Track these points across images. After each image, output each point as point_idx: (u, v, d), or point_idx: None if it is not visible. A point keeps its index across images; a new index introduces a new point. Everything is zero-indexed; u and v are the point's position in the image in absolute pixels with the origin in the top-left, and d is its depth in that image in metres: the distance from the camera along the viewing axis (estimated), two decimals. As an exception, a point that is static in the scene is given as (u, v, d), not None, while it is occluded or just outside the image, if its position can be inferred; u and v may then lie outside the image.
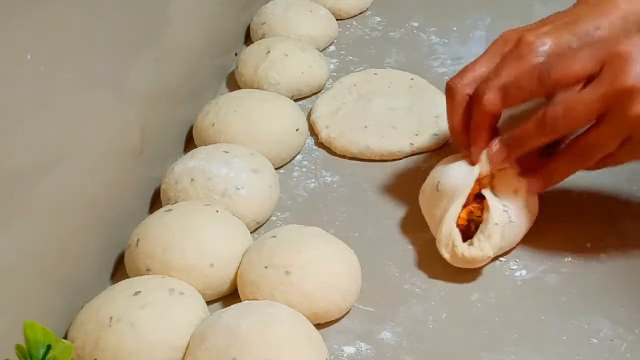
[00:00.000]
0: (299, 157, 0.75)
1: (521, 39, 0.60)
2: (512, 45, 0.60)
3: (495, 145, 0.60)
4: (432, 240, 0.63)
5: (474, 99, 0.61)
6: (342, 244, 0.61)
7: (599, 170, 0.60)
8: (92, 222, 0.61)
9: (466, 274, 0.61)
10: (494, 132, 0.61)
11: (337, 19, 0.93)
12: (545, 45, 0.59)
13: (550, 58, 0.58)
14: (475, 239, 0.59)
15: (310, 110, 0.79)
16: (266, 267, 0.58)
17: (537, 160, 0.61)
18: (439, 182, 0.62)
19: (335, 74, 0.85)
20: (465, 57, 0.66)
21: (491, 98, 0.59)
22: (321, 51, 0.88)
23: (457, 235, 0.60)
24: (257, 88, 0.80)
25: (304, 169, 0.74)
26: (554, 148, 0.60)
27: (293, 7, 0.90)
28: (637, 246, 0.62)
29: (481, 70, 0.61)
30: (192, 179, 0.66)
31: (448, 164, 0.63)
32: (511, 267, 0.61)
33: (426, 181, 0.65)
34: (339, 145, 0.74)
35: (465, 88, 0.62)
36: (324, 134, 0.76)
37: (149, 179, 0.71)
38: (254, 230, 0.67)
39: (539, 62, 0.59)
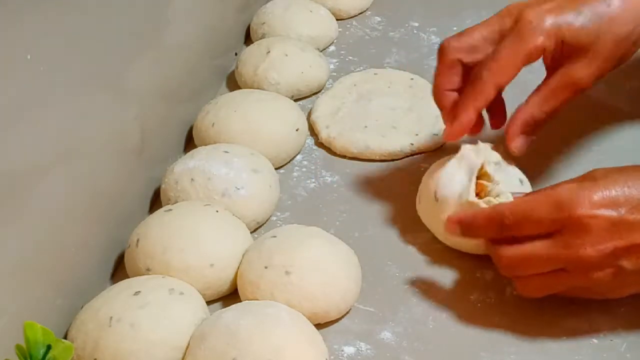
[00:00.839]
0: (299, 157, 0.75)
1: (521, 17, 0.58)
2: (512, 22, 0.59)
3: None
4: (432, 240, 0.64)
5: (472, 78, 0.60)
6: (342, 244, 0.61)
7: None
8: (92, 222, 0.61)
9: (466, 274, 0.61)
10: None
11: (337, 19, 0.93)
12: (546, 23, 0.58)
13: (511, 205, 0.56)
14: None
15: (310, 110, 0.79)
16: (266, 267, 0.58)
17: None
18: (435, 190, 0.62)
19: (335, 74, 0.85)
20: (465, 57, 0.66)
21: (487, 85, 0.59)
22: (321, 51, 0.88)
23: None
24: (257, 88, 0.80)
25: (304, 169, 0.74)
26: None
27: (293, 7, 0.90)
28: (637, 246, 0.62)
29: (478, 37, 0.61)
30: (192, 179, 0.66)
31: (440, 170, 0.62)
32: (511, 267, 0.61)
33: (420, 191, 0.64)
34: (339, 145, 0.74)
35: (458, 51, 0.61)
36: (324, 134, 0.76)
37: (149, 179, 0.71)
38: (254, 230, 0.67)
39: (539, 42, 0.58)
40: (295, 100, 0.81)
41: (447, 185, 0.61)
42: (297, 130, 0.74)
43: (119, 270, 0.64)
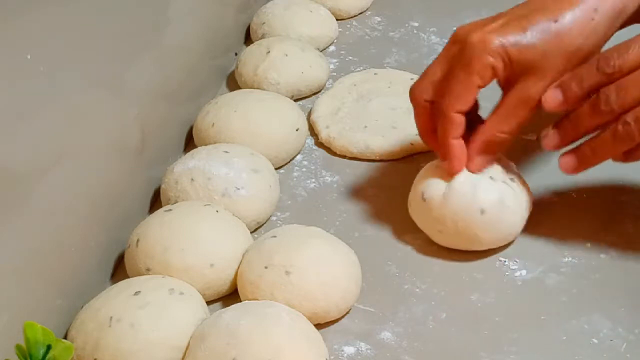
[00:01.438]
0: (299, 157, 0.75)
1: (465, 41, 0.59)
2: (459, 49, 0.59)
3: (549, 131, 0.60)
4: (432, 240, 0.64)
5: (437, 113, 0.61)
6: (342, 244, 0.61)
7: (598, 170, 0.60)
8: (92, 222, 0.61)
9: (466, 274, 0.61)
10: (464, 138, 0.61)
11: (337, 19, 0.93)
12: (491, 44, 0.58)
13: (607, 50, 0.57)
14: None
15: (310, 110, 0.79)
16: (266, 267, 0.58)
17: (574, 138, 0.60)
18: (422, 191, 0.62)
19: (335, 74, 0.85)
20: (465, 57, 0.66)
21: (450, 116, 0.59)
22: (321, 51, 0.88)
23: None
24: (257, 88, 0.80)
25: (304, 169, 0.74)
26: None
27: (293, 7, 0.90)
28: (637, 246, 0.62)
29: (435, 73, 0.61)
30: (192, 179, 0.66)
31: (428, 172, 0.63)
32: (511, 267, 0.61)
33: (410, 194, 0.64)
34: (339, 145, 0.74)
35: (423, 94, 0.62)
36: (324, 134, 0.76)
37: (149, 179, 0.71)
38: (254, 230, 0.67)
39: (486, 62, 0.58)
40: (295, 100, 0.81)
41: (434, 185, 0.61)
42: (297, 130, 0.74)
43: (119, 270, 0.64)
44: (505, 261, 0.62)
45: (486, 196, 0.60)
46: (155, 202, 0.71)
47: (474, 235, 0.61)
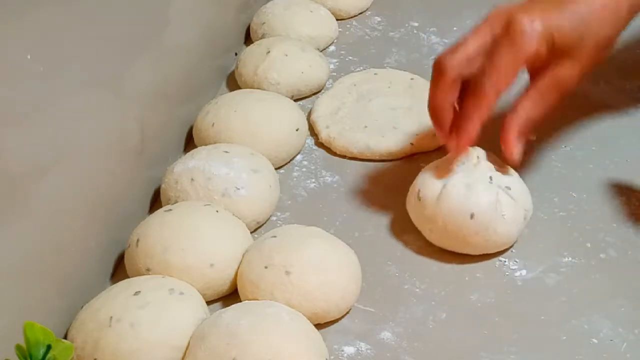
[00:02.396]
0: (299, 157, 0.75)
1: (512, 22, 0.59)
2: (502, 28, 0.59)
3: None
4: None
5: (474, 91, 0.60)
6: (342, 244, 0.61)
7: (599, 170, 0.60)
8: (92, 222, 0.61)
9: (466, 274, 0.61)
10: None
11: (337, 19, 0.93)
12: (538, 28, 0.58)
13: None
14: None
15: (310, 110, 0.79)
16: (266, 267, 0.58)
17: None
18: (419, 190, 0.62)
19: (335, 74, 0.85)
20: (465, 57, 0.66)
21: (491, 95, 0.59)
22: (321, 51, 0.88)
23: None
24: (257, 88, 0.80)
25: (304, 169, 0.74)
26: None
27: (293, 7, 0.90)
28: (637, 246, 0.62)
29: (472, 49, 0.60)
30: (192, 179, 0.66)
31: (427, 171, 0.63)
32: (511, 267, 0.62)
33: (409, 191, 0.65)
34: (339, 145, 0.74)
35: (457, 68, 0.60)
36: (324, 134, 0.76)
37: (149, 179, 0.71)
38: (254, 230, 0.67)
39: (534, 48, 0.58)
40: (295, 100, 0.81)
41: (430, 184, 0.61)
42: (297, 130, 0.74)
43: (119, 270, 0.64)
44: (505, 261, 0.62)
45: (478, 200, 0.60)
46: (155, 202, 0.71)
47: (462, 238, 0.61)
